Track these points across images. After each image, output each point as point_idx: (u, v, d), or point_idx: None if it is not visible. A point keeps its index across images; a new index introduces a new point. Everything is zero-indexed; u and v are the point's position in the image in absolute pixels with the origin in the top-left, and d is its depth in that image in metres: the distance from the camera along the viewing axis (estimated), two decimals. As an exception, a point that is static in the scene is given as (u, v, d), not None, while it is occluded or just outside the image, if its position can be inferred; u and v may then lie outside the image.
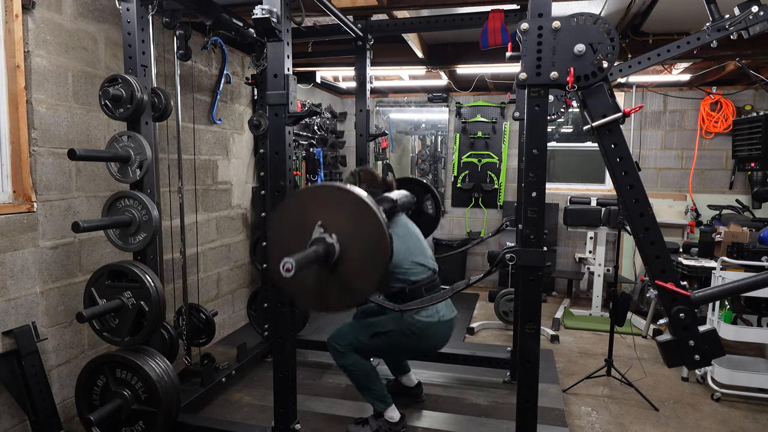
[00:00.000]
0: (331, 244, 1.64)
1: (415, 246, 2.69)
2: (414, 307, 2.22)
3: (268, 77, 2.05)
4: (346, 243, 1.66)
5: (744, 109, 5.15)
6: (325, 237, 1.64)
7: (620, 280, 4.22)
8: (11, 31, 2.34)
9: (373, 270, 1.65)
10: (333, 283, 1.70)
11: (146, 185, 2.39)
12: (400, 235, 2.64)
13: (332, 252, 1.64)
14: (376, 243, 1.63)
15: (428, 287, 2.63)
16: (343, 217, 1.66)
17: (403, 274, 2.56)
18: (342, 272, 1.68)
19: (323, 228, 1.66)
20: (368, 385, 2.62)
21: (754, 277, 1.69)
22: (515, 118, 3.10)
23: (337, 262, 1.67)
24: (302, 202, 1.73)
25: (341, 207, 1.67)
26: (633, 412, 3.02)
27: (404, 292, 2.58)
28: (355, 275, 1.67)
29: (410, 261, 2.61)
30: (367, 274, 1.66)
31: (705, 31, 1.89)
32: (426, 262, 2.67)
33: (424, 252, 2.73)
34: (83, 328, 2.78)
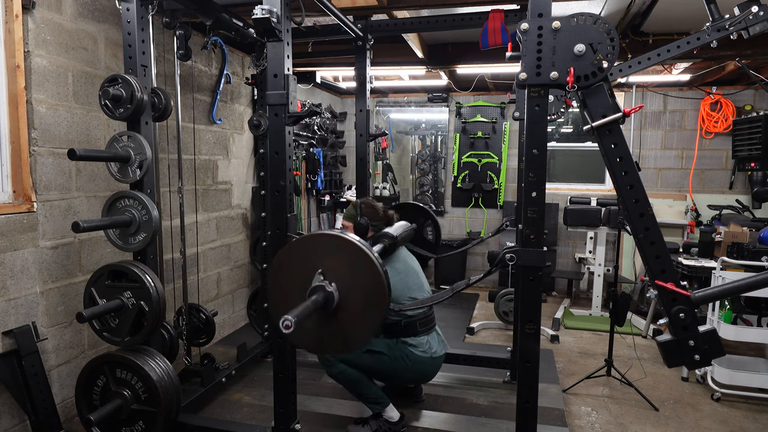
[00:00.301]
0: (331, 292, 1.68)
1: (413, 282, 2.73)
2: (414, 306, 2.22)
3: (268, 77, 2.05)
4: (346, 291, 1.70)
5: (744, 109, 5.15)
6: (324, 285, 1.68)
7: (620, 280, 4.22)
8: (11, 31, 2.34)
9: (371, 318, 1.70)
10: (332, 330, 1.75)
11: (146, 185, 2.39)
12: (399, 271, 2.68)
13: (331, 300, 1.68)
14: (374, 293, 1.68)
15: (423, 322, 2.69)
16: (342, 266, 1.70)
17: (400, 308, 2.59)
18: (341, 319, 1.72)
19: (323, 276, 1.69)
20: (359, 391, 2.66)
21: (754, 277, 1.69)
22: (515, 118, 3.10)
23: (337, 310, 1.71)
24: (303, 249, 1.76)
25: (341, 255, 1.71)
26: (633, 412, 3.02)
27: (400, 324, 2.64)
28: (354, 323, 1.72)
29: (407, 297, 2.66)
30: (365, 323, 1.71)
31: (705, 31, 1.89)
32: (422, 298, 2.71)
33: (422, 287, 2.77)
34: (83, 328, 2.78)
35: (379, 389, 2.71)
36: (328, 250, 1.73)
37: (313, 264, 1.72)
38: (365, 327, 1.72)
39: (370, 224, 2.76)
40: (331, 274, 1.70)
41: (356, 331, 1.73)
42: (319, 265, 1.71)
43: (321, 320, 1.74)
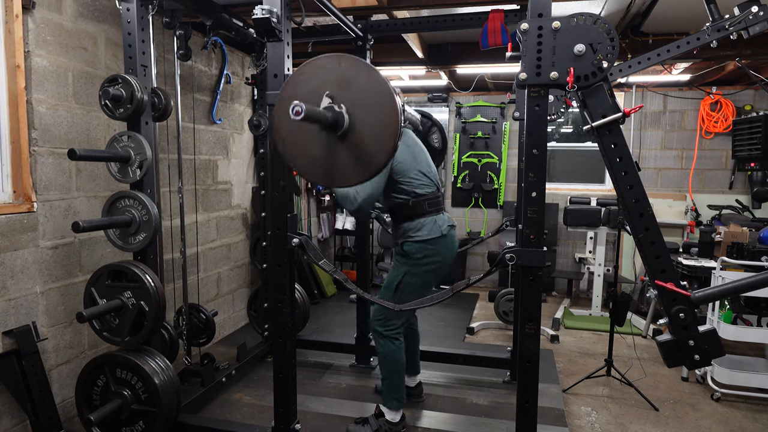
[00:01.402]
0: (340, 113, 1.60)
1: (421, 157, 2.66)
2: (413, 307, 2.22)
3: (268, 77, 2.05)
4: (356, 115, 1.61)
5: (744, 109, 5.15)
6: (333, 106, 1.60)
7: (620, 280, 4.23)
8: (11, 31, 2.34)
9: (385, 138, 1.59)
10: (345, 156, 1.64)
11: (146, 185, 2.39)
12: (407, 144, 2.60)
13: (341, 121, 1.60)
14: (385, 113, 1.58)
15: (431, 202, 2.59)
16: (351, 88, 1.61)
17: (408, 184, 2.54)
18: (353, 143, 1.62)
19: (331, 98, 1.62)
20: (395, 380, 2.62)
21: (754, 277, 1.69)
22: (515, 118, 3.10)
23: (347, 133, 1.62)
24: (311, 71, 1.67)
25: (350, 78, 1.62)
26: (633, 412, 3.02)
27: (407, 204, 2.55)
28: (368, 145, 1.61)
29: (416, 170, 2.58)
30: (380, 142, 1.60)
31: (705, 31, 1.89)
32: (430, 174, 2.65)
33: (430, 165, 2.71)
34: (83, 328, 2.78)
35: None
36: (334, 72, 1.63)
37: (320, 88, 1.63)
38: (381, 146, 1.61)
39: None
40: (339, 98, 1.62)
41: (372, 151, 1.61)
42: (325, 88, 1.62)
43: (331, 147, 1.65)
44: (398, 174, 2.54)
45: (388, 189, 2.56)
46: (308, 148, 1.71)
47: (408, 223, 2.57)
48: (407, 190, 2.55)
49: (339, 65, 1.65)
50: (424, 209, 2.56)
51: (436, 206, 2.62)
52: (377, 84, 1.60)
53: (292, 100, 1.51)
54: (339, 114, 1.61)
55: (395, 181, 2.55)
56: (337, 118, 1.60)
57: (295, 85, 1.70)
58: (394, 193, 2.57)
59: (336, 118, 1.60)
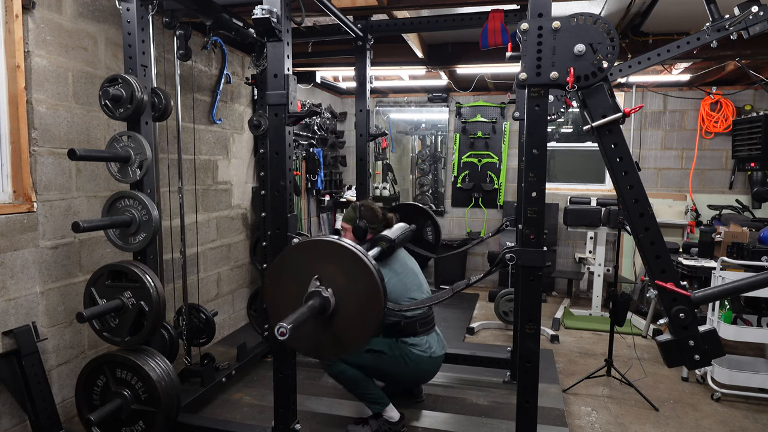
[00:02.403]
0: (327, 298, 1.70)
1: (411, 283, 2.74)
2: (414, 307, 2.22)
3: (268, 77, 2.05)
4: (342, 297, 1.72)
5: (744, 109, 5.15)
6: (321, 290, 1.70)
7: (620, 280, 4.22)
8: (11, 31, 2.34)
9: (367, 324, 1.72)
10: (328, 335, 1.77)
11: (146, 185, 2.39)
12: (397, 272, 2.69)
13: (328, 306, 1.70)
14: (370, 297, 1.69)
15: (423, 323, 2.70)
16: (339, 272, 1.72)
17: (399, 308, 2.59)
18: (337, 325, 1.74)
19: (319, 281, 1.71)
20: (359, 391, 2.66)
21: (754, 277, 1.69)
22: (515, 118, 3.10)
23: (333, 315, 1.73)
24: (300, 255, 1.79)
25: (337, 261, 1.72)
26: (633, 412, 3.02)
27: (399, 325, 2.65)
28: (349, 329, 1.74)
29: (407, 297, 2.67)
30: (361, 327, 1.73)
31: (705, 31, 1.89)
32: (421, 299, 2.71)
33: (421, 287, 2.78)
34: (83, 328, 2.78)
35: (379, 389, 2.71)
36: (324, 255, 1.74)
37: (309, 270, 1.74)
38: (362, 331, 1.73)
39: (369, 227, 2.77)
40: (327, 279, 1.72)
41: (353, 335, 1.74)
42: (315, 270, 1.72)
43: (318, 325, 1.76)
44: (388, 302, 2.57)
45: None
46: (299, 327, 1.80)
47: (401, 337, 2.67)
48: (398, 314, 2.62)
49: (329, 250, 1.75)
50: (415, 330, 2.67)
51: (428, 326, 2.73)
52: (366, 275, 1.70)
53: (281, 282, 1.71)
54: (325, 300, 1.70)
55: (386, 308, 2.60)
56: (323, 303, 1.69)
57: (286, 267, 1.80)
58: (387, 317, 2.61)
59: (323, 304, 1.69)
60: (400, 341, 2.64)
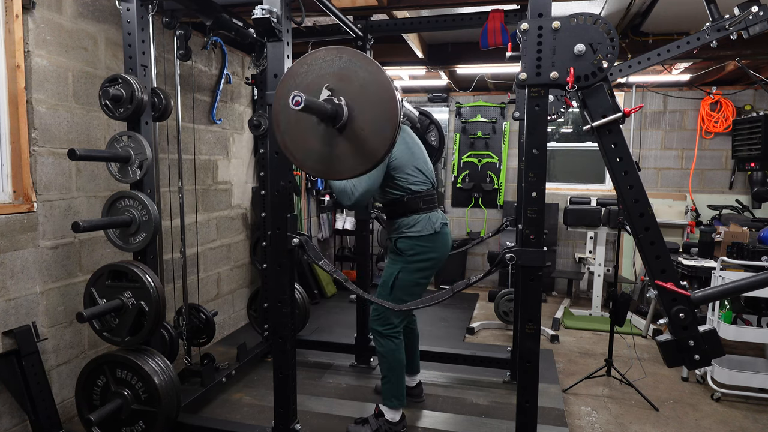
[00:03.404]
0: (339, 105, 1.60)
1: (418, 154, 2.67)
2: (413, 307, 2.22)
3: (268, 77, 2.05)
4: (355, 107, 1.61)
5: (744, 109, 5.15)
6: (332, 99, 1.61)
7: (620, 280, 4.23)
8: (11, 31, 2.34)
9: (384, 131, 1.59)
10: (341, 146, 1.65)
11: (146, 185, 2.39)
12: (404, 141, 2.61)
13: (340, 113, 1.60)
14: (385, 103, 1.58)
15: (426, 199, 2.60)
16: (352, 82, 1.61)
17: (404, 180, 2.55)
18: (352, 136, 1.63)
19: (330, 91, 1.62)
20: (395, 379, 2.62)
21: (754, 277, 1.69)
22: (515, 118, 3.10)
23: (346, 126, 1.62)
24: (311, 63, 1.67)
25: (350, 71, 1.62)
26: (633, 412, 3.02)
27: (402, 201, 2.57)
28: (366, 138, 1.62)
29: (413, 166, 2.59)
30: (378, 136, 1.60)
31: (705, 31, 1.89)
32: (426, 171, 2.66)
33: (427, 163, 2.72)
34: (83, 328, 2.78)
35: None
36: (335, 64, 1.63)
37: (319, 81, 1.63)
38: (379, 138, 1.61)
39: None
40: (339, 91, 1.62)
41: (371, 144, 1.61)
42: (325, 81, 1.62)
43: (331, 140, 1.65)
44: (394, 169, 2.54)
45: (384, 184, 2.57)
46: (307, 140, 1.71)
47: (402, 219, 2.59)
48: (402, 186, 2.56)
49: (339, 58, 1.65)
50: (418, 206, 2.57)
51: (431, 203, 2.64)
52: (377, 77, 1.60)
53: (292, 90, 1.50)
54: (338, 106, 1.61)
55: (391, 177, 2.55)
56: (336, 110, 1.60)
57: (295, 76, 1.70)
58: (390, 188, 2.58)
59: (335, 110, 1.60)
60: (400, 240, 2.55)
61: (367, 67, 1.62)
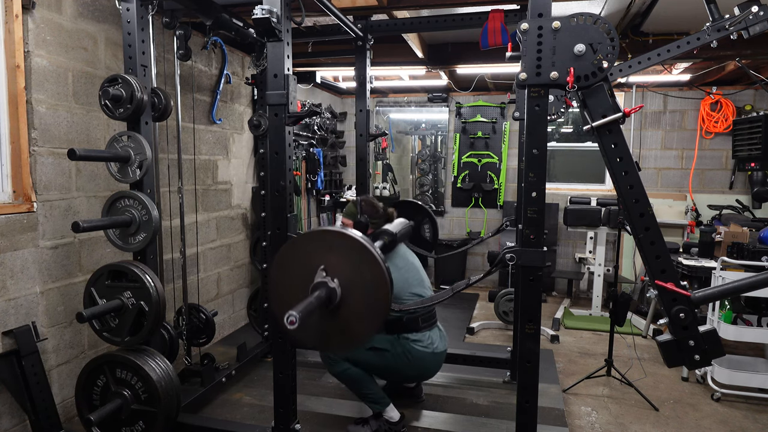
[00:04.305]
0: (333, 288, 1.67)
1: (413, 277, 2.73)
2: (413, 307, 2.22)
3: (268, 77, 2.05)
4: (348, 286, 1.69)
5: (744, 109, 5.15)
6: (327, 281, 1.67)
7: (620, 280, 4.22)
8: (11, 31, 2.34)
9: (374, 314, 1.69)
10: (334, 327, 1.73)
11: (146, 185, 2.39)
12: (399, 267, 2.69)
13: (334, 296, 1.67)
14: (376, 288, 1.66)
15: (425, 318, 2.69)
16: (345, 262, 1.69)
17: (401, 304, 2.58)
18: (343, 316, 1.71)
19: (325, 272, 1.68)
20: (361, 391, 2.66)
21: (754, 277, 1.69)
22: (515, 118, 3.10)
23: (339, 306, 1.70)
24: (306, 245, 1.76)
25: (343, 252, 1.69)
26: (633, 412, 3.02)
27: (401, 320, 2.64)
28: (356, 320, 1.71)
29: (408, 292, 2.67)
30: (368, 318, 1.70)
31: (705, 31, 1.89)
32: (423, 293, 2.72)
33: (422, 282, 2.77)
34: (83, 328, 2.78)
35: (381, 389, 2.71)
36: (330, 246, 1.71)
37: (315, 260, 1.70)
38: (368, 323, 1.69)
39: (369, 222, 2.76)
40: (333, 270, 1.68)
41: (359, 327, 1.70)
42: (321, 261, 1.69)
43: (323, 317, 1.72)
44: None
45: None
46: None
47: (403, 333, 2.65)
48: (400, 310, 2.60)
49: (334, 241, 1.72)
50: (418, 325, 2.66)
51: (430, 321, 2.72)
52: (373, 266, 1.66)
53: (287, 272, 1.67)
54: (332, 291, 1.66)
55: None
56: (330, 294, 1.66)
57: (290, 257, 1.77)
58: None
59: (329, 294, 1.66)
60: (402, 338, 2.63)
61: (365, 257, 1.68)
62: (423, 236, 3.30)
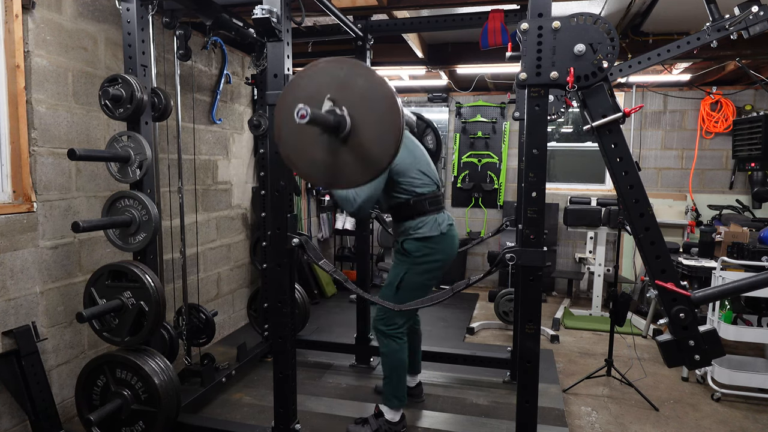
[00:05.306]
0: (342, 116, 1.60)
1: (420, 157, 2.67)
2: (413, 306, 2.22)
3: (268, 77, 2.05)
4: (358, 117, 1.61)
5: (744, 109, 5.15)
6: (335, 110, 1.61)
7: (620, 280, 4.22)
8: (11, 31, 2.34)
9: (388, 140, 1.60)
10: (345, 156, 1.64)
11: (146, 185, 2.39)
12: (406, 146, 2.61)
13: (343, 124, 1.60)
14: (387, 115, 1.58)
15: (432, 201, 2.60)
16: (354, 92, 1.61)
17: (409, 183, 2.56)
18: (354, 144, 1.63)
19: (332, 101, 1.61)
20: (396, 379, 2.62)
21: (754, 277, 1.69)
22: (515, 118, 3.10)
23: (349, 136, 1.62)
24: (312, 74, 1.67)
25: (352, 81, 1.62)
26: (633, 412, 3.02)
27: (408, 204, 2.57)
28: (369, 146, 1.62)
29: (416, 170, 2.59)
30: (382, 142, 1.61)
31: (705, 31, 1.89)
32: (431, 174, 2.66)
33: (429, 164, 2.72)
34: (83, 328, 2.78)
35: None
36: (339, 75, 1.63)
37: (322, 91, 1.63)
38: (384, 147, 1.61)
39: None
40: (340, 100, 1.62)
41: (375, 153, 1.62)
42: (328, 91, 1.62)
43: (333, 148, 1.65)
44: (398, 174, 2.54)
45: (389, 189, 2.57)
46: (310, 151, 1.71)
47: (409, 221, 2.58)
48: (407, 189, 2.56)
49: (340, 68, 1.65)
50: (425, 208, 2.57)
51: (437, 205, 2.64)
52: (379, 86, 1.61)
53: (295, 102, 1.50)
54: (341, 117, 1.61)
55: (395, 182, 2.55)
56: (339, 121, 1.60)
57: (297, 87, 1.70)
58: (395, 192, 2.58)
59: (338, 121, 1.60)
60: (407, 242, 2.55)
61: (369, 77, 1.62)
62: (427, 146, 3.22)
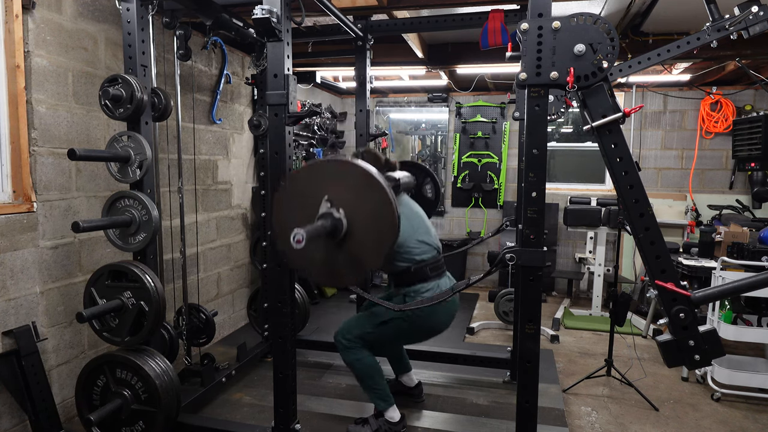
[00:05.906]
0: (339, 219, 1.62)
1: (419, 225, 2.68)
2: (414, 306, 2.22)
3: (268, 77, 2.05)
4: (354, 217, 1.63)
5: (744, 109, 5.15)
6: (332, 212, 1.63)
7: (620, 280, 4.22)
8: (11, 31, 2.34)
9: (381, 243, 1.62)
10: (341, 258, 1.67)
11: (146, 185, 2.39)
12: (404, 215, 2.61)
13: (340, 227, 1.62)
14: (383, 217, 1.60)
15: (433, 267, 2.61)
16: (350, 192, 1.63)
17: (408, 253, 2.56)
18: (350, 247, 1.65)
19: (330, 203, 1.63)
20: (371, 383, 2.62)
21: (754, 277, 1.69)
22: (515, 118, 3.10)
23: (345, 237, 1.64)
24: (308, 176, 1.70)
25: (348, 181, 1.64)
26: (633, 412, 3.02)
27: (409, 271, 2.57)
28: (363, 249, 1.65)
29: (415, 240, 2.60)
30: (375, 248, 1.64)
31: (705, 31, 1.89)
32: (431, 241, 2.66)
33: (429, 231, 2.72)
34: (83, 328, 2.78)
35: (388, 386, 2.69)
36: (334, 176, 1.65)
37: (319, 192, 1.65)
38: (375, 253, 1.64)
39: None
40: (338, 201, 1.64)
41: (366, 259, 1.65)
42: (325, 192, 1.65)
43: (330, 249, 1.68)
44: (398, 246, 2.52)
45: (389, 258, 2.55)
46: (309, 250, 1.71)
47: (411, 287, 2.59)
48: (408, 258, 2.57)
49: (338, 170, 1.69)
50: (426, 274, 2.59)
51: (438, 270, 2.66)
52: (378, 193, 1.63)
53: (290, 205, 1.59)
54: (338, 221, 1.64)
55: (395, 252, 2.54)
56: (336, 225, 1.63)
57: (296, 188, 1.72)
58: (396, 261, 2.57)
59: (335, 225, 1.63)
60: (408, 297, 2.56)
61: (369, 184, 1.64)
62: (425, 195, 3.23)
